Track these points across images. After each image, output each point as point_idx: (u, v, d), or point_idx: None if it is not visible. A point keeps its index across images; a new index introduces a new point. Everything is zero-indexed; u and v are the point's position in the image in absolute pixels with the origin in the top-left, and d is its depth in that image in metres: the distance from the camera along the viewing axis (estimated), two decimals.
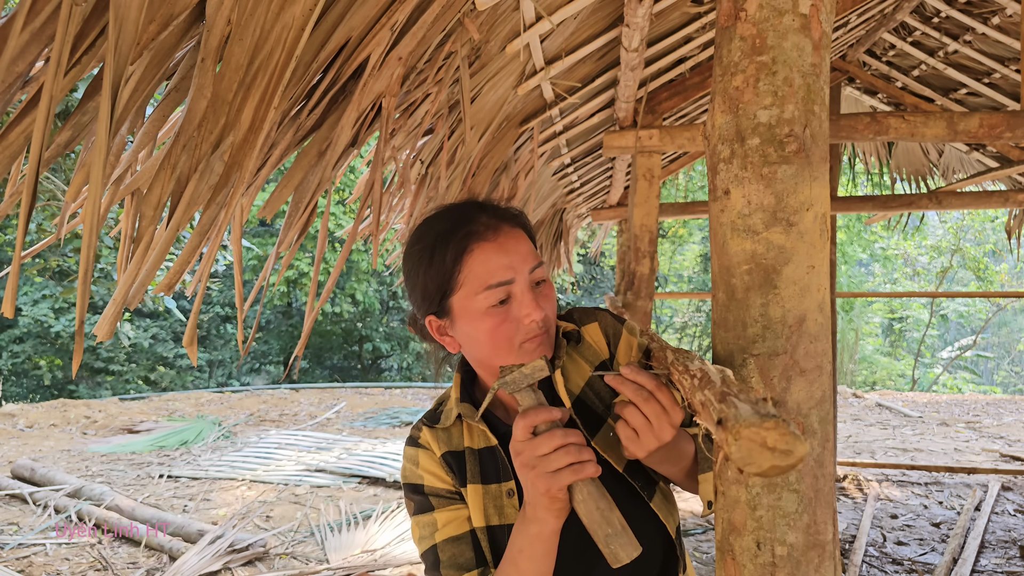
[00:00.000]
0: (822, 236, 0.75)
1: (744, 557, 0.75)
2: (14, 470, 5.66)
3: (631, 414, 0.84)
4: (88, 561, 4.00)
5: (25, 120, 0.85)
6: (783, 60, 0.74)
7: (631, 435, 0.85)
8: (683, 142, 2.89)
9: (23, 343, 14.49)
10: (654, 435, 0.84)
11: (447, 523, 1.04)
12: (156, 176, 1.00)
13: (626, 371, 0.85)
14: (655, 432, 0.83)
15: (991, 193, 4.75)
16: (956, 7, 3.93)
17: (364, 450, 6.66)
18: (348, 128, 1.40)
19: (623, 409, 0.86)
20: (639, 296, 2.97)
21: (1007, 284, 17.62)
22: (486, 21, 1.83)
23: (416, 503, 1.07)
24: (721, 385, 0.64)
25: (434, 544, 1.03)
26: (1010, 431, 8.10)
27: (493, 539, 1.02)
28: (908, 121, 2.68)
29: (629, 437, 0.85)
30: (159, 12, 0.92)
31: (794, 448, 0.54)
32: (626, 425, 0.86)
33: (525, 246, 1.00)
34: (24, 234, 0.79)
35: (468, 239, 0.97)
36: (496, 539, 1.02)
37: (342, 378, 17.45)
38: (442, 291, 0.99)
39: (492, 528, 1.02)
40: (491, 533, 1.03)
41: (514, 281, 0.96)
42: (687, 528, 4.51)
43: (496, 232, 0.98)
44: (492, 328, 0.96)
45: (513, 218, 1.03)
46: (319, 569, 3.84)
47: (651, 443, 0.84)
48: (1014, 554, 4.04)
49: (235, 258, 1.36)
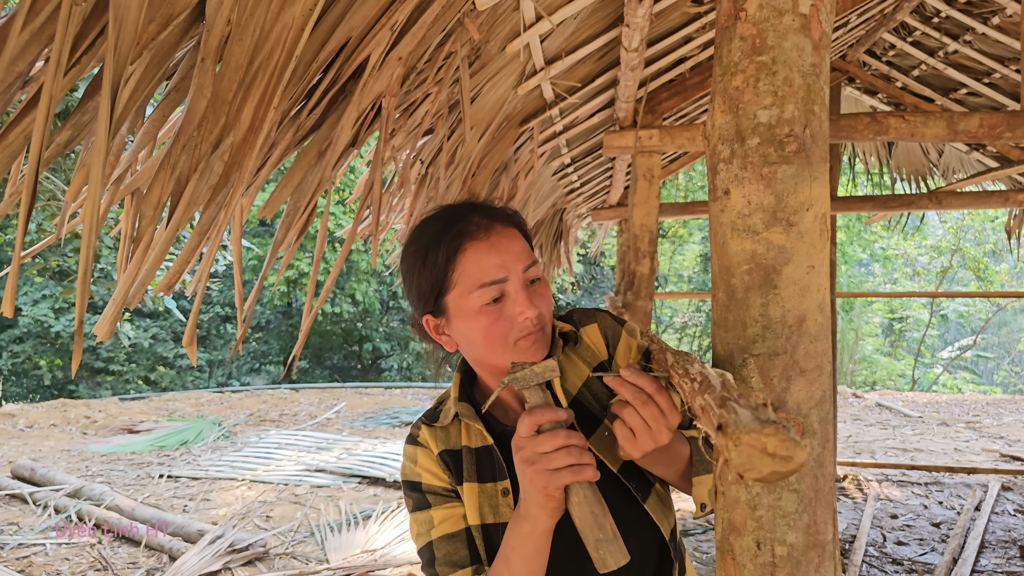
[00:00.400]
0: (822, 236, 0.75)
1: (744, 557, 0.75)
2: (14, 470, 5.66)
3: (629, 415, 0.85)
4: (88, 561, 4.00)
5: (25, 120, 0.85)
6: (783, 60, 0.74)
7: (628, 436, 0.85)
8: (683, 142, 2.89)
9: (23, 343, 14.49)
10: (651, 437, 0.84)
11: (443, 520, 1.05)
12: (156, 176, 1.00)
13: (626, 373, 0.85)
14: (652, 435, 0.84)
15: (991, 193, 4.75)
16: (956, 7, 3.93)
17: (364, 450, 6.66)
18: (348, 128, 1.40)
19: (621, 410, 0.86)
20: (639, 296, 2.97)
21: (1007, 284, 17.62)
22: (486, 21, 1.83)
23: (414, 500, 1.08)
24: (721, 390, 0.64)
25: (430, 541, 1.05)
26: (1010, 431, 8.10)
27: (488, 537, 1.03)
28: (908, 121, 2.68)
29: (626, 438, 0.86)
30: (159, 12, 0.92)
31: (794, 454, 0.54)
32: (623, 426, 0.86)
33: (518, 245, 1.00)
34: (24, 234, 0.79)
35: (461, 238, 0.97)
36: (491, 537, 1.03)
37: (342, 378, 17.44)
38: (436, 290, 0.99)
39: (487, 526, 1.03)
40: (486, 531, 1.03)
41: (507, 279, 0.96)
42: (687, 528, 4.50)
43: (488, 231, 0.98)
44: (486, 326, 0.96)
45: (506, 217, 1.03)
46: (319, 569, 3.84)
47: (647, 445, 0.85)
48: (1014, 554, 4.04)
49: (235, 258, 1.36)
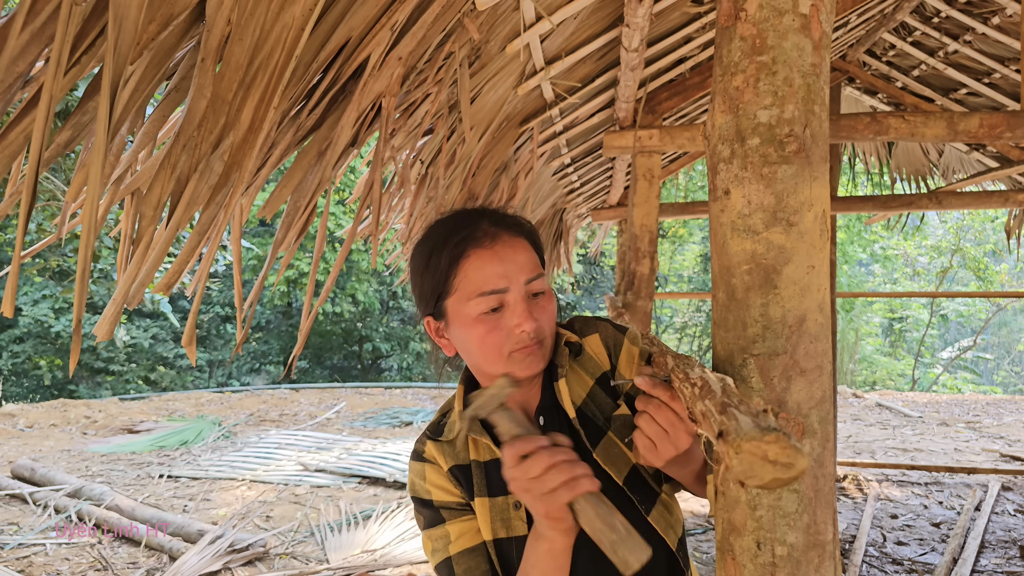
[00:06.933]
0: (822, 236, 0.75)
1: (744, 557, 0.75)
2: (14, 470, 5.66)
3: (647, 424, 0.84)
4: (88, 561, 4.00)
5: (25, 120, 0.85)
6: (783, 60, 0.74)
7: (648, 445, 0.85)
8: (683, 142, 2.89)
9: (23, 343, 14.48)
10: (671, 444, 0.84)
11: (460, 535, 1.03)
12: (156, 176, 1.00)
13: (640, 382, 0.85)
14: (672, 441, 0.83)
15: (991, 193, 4.75)
16: (956, 7, 3.93)
17: (364, 450, 6.66)
18: (348, 128, 1.40)
19: (639, 419, 0.86)
20: (639, 296, 2.96)
21: (1007, 284, 17.61)
22: (486, 21, 1.83)
23: (426, 517, 1.06)
24: (722, 395, 0.64)
25: (448, 556, 1.02)
26: (1010, 431, 8.10)
27: (501, 553, 1.01)
28: (908, 121, 2.68)
29: (647, 447, 0.85)
30: (159, 12, 0.92)
31: (795, 461, 0.54)
32: (642, 435, 0.85)
33: (524, 256, 0.98)
34: (24, 234, 0.79)
35: (465, 244, 0.96)
36: (504, 553, 1.01)
37: (342, 378, 17.44)
38: (437, 293, 0.99)
39: (500, 541, 1.01)
40: (499, 546, 1.01)
41: (508, 290, 0.95)
42: (687, 528, 4.51)
43: (494, 240, 0.97)
44: (482, 335, 0.95)
45: (516, 227, 1.02)
46: (319, 569, 3.84)
47: (668, 452, 0.84)
48: (1014, 554, 4.04)
49: (235, 258, 1.36)
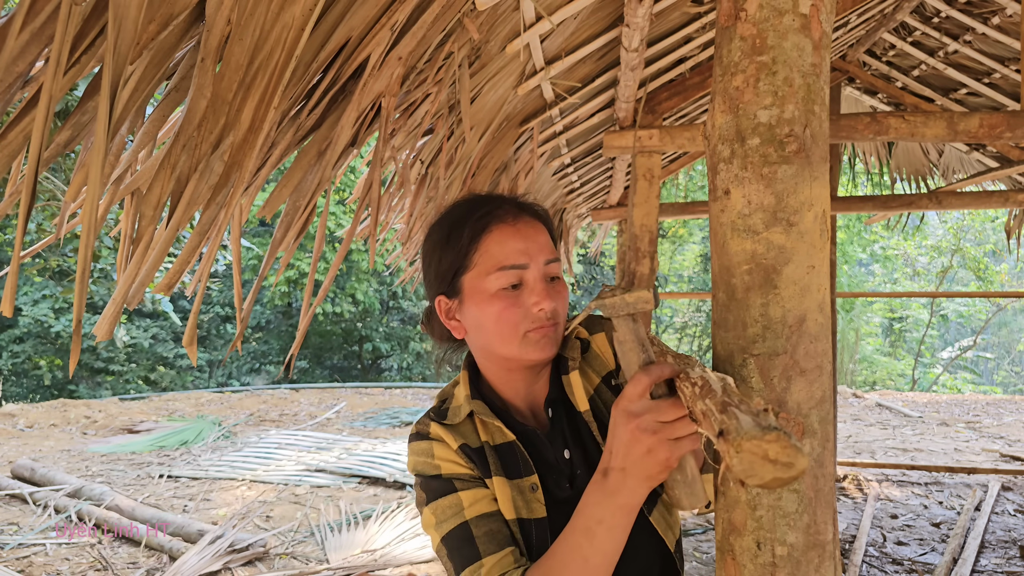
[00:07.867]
0: (822, 236, 0.75)
1: (744, 557, 0.75)
2: (14, 470, 5.66)
3: None
4: (88, 561, 4.00)
5: (25, 120, 0.85)
6: (783, 60, 0.74)
7: None
8: (683, 142, 2.89)
9: (23, 343, 14.49)
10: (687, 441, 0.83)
11: (476, 501, 0.98)
12: (156, 176, 1.00)
13: None
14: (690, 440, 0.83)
15: (991, 193, 4.75)
16: (956, 7, 3.93)
17: (364, 450, 6.66)
18: (348, 128, 1.40)
19: None
20: None
21: (1007, 284, 17.61)
22: (486, 21, 1.83)
23: (433, 489, 1.00)
24: (722, 395, 0.64)
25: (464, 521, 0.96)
26: (1010, 431, 8.10)
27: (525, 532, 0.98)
28: (908, 121, 2.68)
29: None
30: (159, 12, 0.92)
31: (796, 461, 0.54)
32: None
33: (543, 237, 1.01)
34: (23, 234, 0.79)
35: (488, 219, 0.99)
36: (528, 532, 0.98)
37: (342, 378, 17.44)
38: (455, 269, 0.99)
39: (523, 521, 0.98)
40: (522, 526, 0.98)
41: (528, 267, 0.96)
42: (687, 528, 4.50)
43: (516, 218, 1.00)
44: (499, 311, 0.95)
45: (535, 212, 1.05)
46: (319, 569, 3.84)
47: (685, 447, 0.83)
48: (1014, 554, 4.04)
49: (234, 258, 1.36)
